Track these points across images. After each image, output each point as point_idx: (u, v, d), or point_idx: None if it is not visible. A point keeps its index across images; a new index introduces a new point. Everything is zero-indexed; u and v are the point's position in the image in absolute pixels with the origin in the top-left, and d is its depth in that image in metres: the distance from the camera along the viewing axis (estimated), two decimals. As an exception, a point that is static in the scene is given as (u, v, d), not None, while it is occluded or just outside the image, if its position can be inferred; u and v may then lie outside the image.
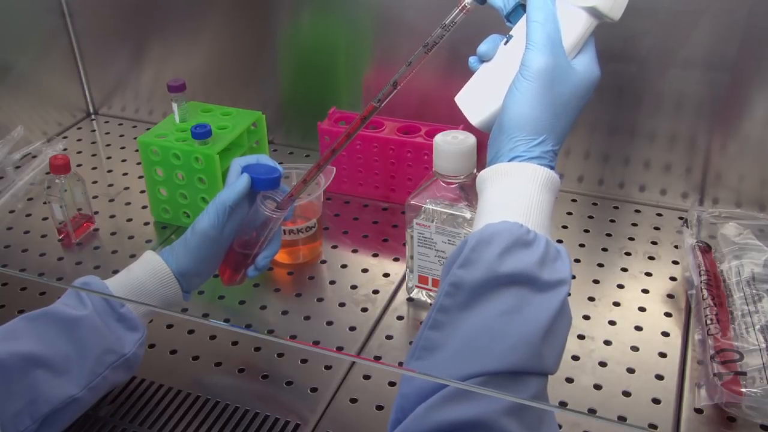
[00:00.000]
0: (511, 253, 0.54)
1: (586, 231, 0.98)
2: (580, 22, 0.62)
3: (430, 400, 0.51)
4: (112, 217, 1.04)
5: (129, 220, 1.03)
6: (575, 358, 0.79)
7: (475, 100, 0.66)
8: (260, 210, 0.74)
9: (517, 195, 0.58)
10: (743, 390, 0.68)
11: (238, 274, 0.77)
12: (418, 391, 0.52)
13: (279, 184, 0.76)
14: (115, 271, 0.75)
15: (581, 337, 0.81)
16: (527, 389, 0.52)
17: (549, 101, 0.60)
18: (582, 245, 0.95)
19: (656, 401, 0.74)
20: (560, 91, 0.60)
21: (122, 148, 1.21)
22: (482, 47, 0.66)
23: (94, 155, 1.20)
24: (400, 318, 0.85)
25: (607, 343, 0.81)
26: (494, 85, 0.64)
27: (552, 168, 0.60)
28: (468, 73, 0.68)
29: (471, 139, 0.77)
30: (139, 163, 1.11)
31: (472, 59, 0.68)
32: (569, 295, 0.55)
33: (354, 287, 0.90)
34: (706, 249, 0.86)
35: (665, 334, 0.82)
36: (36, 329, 0.67)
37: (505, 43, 0.65)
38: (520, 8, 0.66)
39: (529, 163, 0.59)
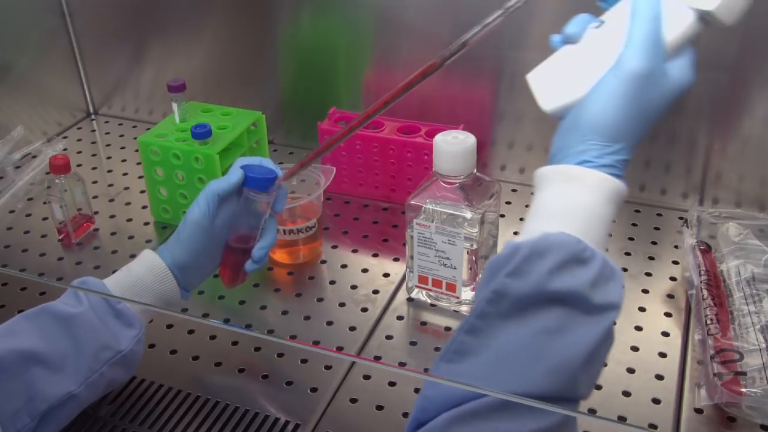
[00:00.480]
0: (565, 269, 0.51)
1: (586, 231, 0.98)
2: (688, 24, 0.56)
3: (453, 411, 0.49)
4: (112, 217, 1.04)
5: (129, 220, 1.03)
6: (575, 358, 0.79)
7: (552, 84, 0.60)
8: (247, 198, 0.73)
9: (580, 205, 0.54)
10: (743, 390, 0.68)
11: (238, 273, 0.77)
12: (443, 398, 0.50)
13: (271, 186, 0.74)
14: (115, 272, 0.75)
15: (581, 337, 0.81)
16: (555, 414, 0.49)
17: (636, 107, 0.55)
18: (582, 245, 0.95)
19: (656, 401, 0.74)
20: (650, 97, 0.55)
21: (122, 148, 1.21)
22: (570, 28, 0.60)
23: (94, 155, 1.20)
24: (400, 318, 0.85)
25: (607, 343, 0.81)
26: (576, 73, 0.58)
27: (621, 178, 0.56)
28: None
29: (471, 139, 0.77)
30: (139, 163, 1.10)
31: (555, 37, 0.61)
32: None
33: (354, 287, 0.90)
34: (706, 249, 0.86)
35: (665, 334, 0.82)
36: (33, 326, 0.66)
37: (596, 28, 0.59)
38: None
39: (598, 171, 0.55)
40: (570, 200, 0.55)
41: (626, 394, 0.74)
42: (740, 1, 0.55)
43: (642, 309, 0.85)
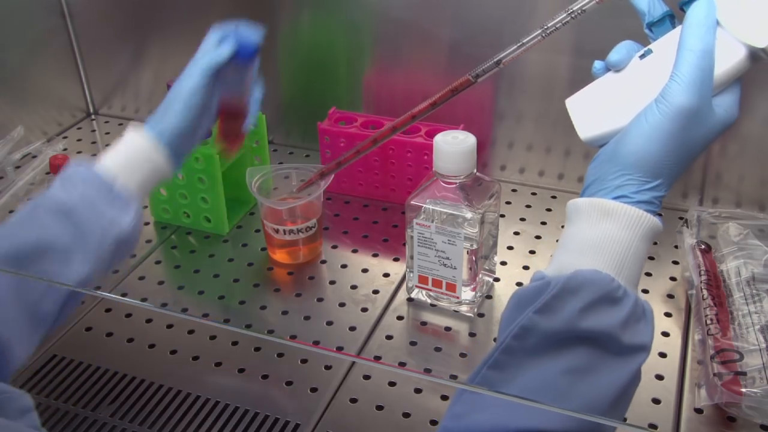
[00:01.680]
0: (596, 308, 0.50)
1: (586, 231, 0.98)
2: (738, 60, 0.53)
3: None
4: (112, 217, 1.04)
5: (129, 220, 1.03)
6: (575, 358, 0.79)
7: (591, 111, 0.58)
8: (236, 67, 0.74)
9: (614, 241, 0.53)
10: (743, 390, 0.68)
11: (236, 138, 0.77)
12: None
13: (255, 54, 0.74)
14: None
15: (581, 337, 0.81)
16: None
17: (679, 144, 0.53)
18: (582, 245, 0.95)
19: (656, 401, 0.74)
20: (694, 134, 0.53)
21: (122, 148, 1.21)
22: (614, 56, 0.57)
23: (94, 155, 1.20)
24: (400, 318, 0.85)
25: (607, 343, 0.81)
26: (618, 103, 0.57)
27: (659, 215, 0.54)
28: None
29: (471, 139, 0.77)
30: (139, 163, 1.10)
31: (597, 64, 0.59)
32: None
33: (354, 287, 0.90)
34: (706, 249, 0.86)
35: (665, 334, 0.82)
36: (35, 222, 0.65)
37: (642, 57, 0.57)
38: (668, 20, 0.57)
39: (635, 208, 0.53)
40: (604, 236, 0.53)
41: (626, 394, 0.74)
42: None
43: (642, 309, 0.85)
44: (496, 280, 0.90)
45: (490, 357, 0.51)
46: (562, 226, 0.98)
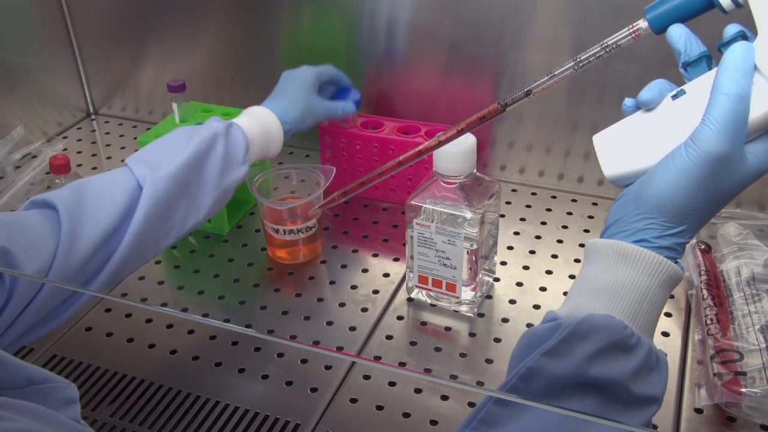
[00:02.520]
0: (607, 356, 0.48)
1: (586, 231, 0.98)
2: None
3: None
4: (112, 217, 1.04)
5: (129, 220, 1.03)
6: (575, 358, 0.79)
7: (618, 149, 0.57)
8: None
9: (631, 286, 0.51)
10: (743, 390, 0.68)
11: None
12: None
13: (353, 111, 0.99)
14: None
15: (581, 337, 0.81)
16: None
17: (707, 191, 0.50)
18: (582, 245, 0.95)
19: (656, 401, 0.74)
20: (724, 182, 0.50)
21: (122, 148, 1.21)
22: (645, 94, 0.55)
23: (94, 155, 1.20)
24: (400, 318, 0.85)
25: (607, 343, 0.81)
26: (646, 143, 0.55)
27: (678, 262, 0.52)
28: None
29: (471, 139, 0.77)
30: (139, 163, 1.10)
31: (627, 101, 0.57)
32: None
33: (354, 287, 0.90)
34: (706, 249, 0.86)
35: (665, 334, 0.82)
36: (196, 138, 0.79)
37: (674, 98, 0.54)
38: (705, 61, 0.54)
39: (656, 254, 0.51)
40: (621, 280, 0.51)
41: (626, 394, 0.74)
42: None
43: (642, 309, 0.85)
44: (496, 280, 0.90)
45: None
46: (563, 226, 0.99)
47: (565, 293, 0.87)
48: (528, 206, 1.04)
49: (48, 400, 0.50)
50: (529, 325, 0.83)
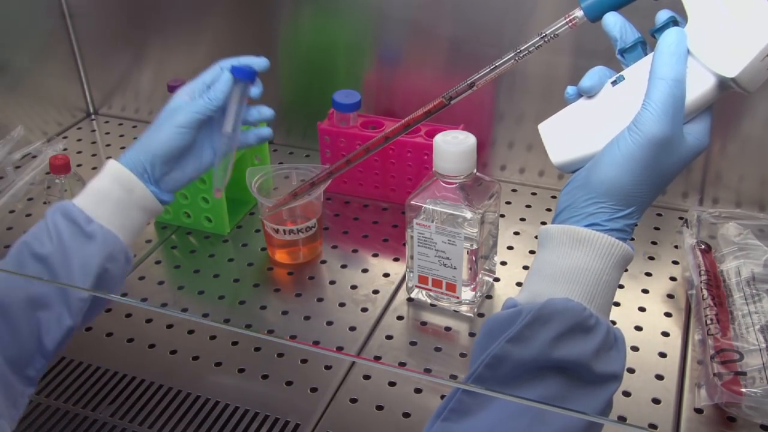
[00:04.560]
0: (568, 338, 0.50)
1: (586, 231, 0.98)
2: (708, 89, 0.53)
3: None
4: (112, 217, 1.04)
5: (129, 220, 1.03)
6: (575, 358, 0.79)
7: (563, 137, 0.58)
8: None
9: (586, 269, 0.52)
10: (743, 390, 0.68)
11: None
12: None
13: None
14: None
15: (581, 337, 0.81)
16: None
17: (651, 172, 0.53)
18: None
19: (656, 401, 0.74)
20: (666, 162, 0.53)
21: (122, 148, 1.21)
22: (586, 82, 0.57)
23: (94, 155, 1.20)
24: (400, 318, 0.85)
25: (607, 343, 0.81)
26: (590, 129, 0.56)
27: (629, 243, 0.54)
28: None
29: (471, 139, 0.77)
30: (139, 163, 1.11)
31: (570, 89, 0.59)
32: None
33: (354, 287, 0.90)
34: (706, 249, 0.86)
35: (665, 334, 0.82)
36: (21, 268, 0.66)
37: (614, 84, 0.57)
38: (640, 46, 0.57)
39: (607, 236, 0.53)
40: (576, 264, 0.53)
41: (626, 394, 0.74)
42: (764, 70, 0.52)
43: (642, 309, 0.85)
44: (496, 280, 0.90)
45: (463, 382, 0.52)
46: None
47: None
48: (528, 206, 1.04)
49: None
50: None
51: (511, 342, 0.50)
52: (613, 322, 0.84)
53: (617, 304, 0.85)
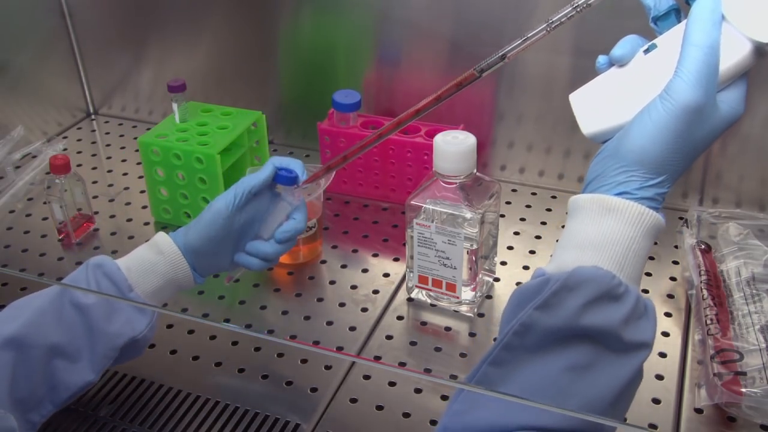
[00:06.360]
0: (597, 305, 0.49)
1: (586, 231, 0.98)
2: (743, 56, 0.52)
3: None
4: (112, 217, 1.04)
5: (129, 220, 1.03)
6: (575, 358, 0.79)
7: (594, 107, 0.57)
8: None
9: (616, 238, 0.52)
10: (743, 390, 0.68)
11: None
12: (464, 429, 0.49)
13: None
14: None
15: (581, 337, 0.81)
16: None
17: (683, 141, 0.52)
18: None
19: (656, 401, 0.74)
20: (699, 131, 0.52)
21: (122, 148, 1.21)
22: (617, 50, 0.56)
23: (94, 155, 1.20)
24: (400, 318, 0.85)
25: (607, 343, 0.81)
26: (622, 98, 0.56)
27: (660, 212, 0.54)
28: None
29: (471, 139, 0.77)
30: (139, 163, 1.11)
31: (601, 59, 0.58)
32: None
33: (354, 287, 0.90)
34: (706, 249, 0.86)
35: (665, 334, 0.82)
36: (54, 317, 0.67)
37: (646, 52, 0.55)
38: (674, 14, 0.56)
39: (638, 204, 0.52)
40: (606, 232, 0.52)
41: (626, 394, 0.74)
42: None
43: (642, 309, 0.85)
44: (496, 280, 0.90)
45: (490, 354, 0.51)
46: (563, 226, 0.98)
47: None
48: (528, 206, 1.04)
49: None
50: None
51: (539, 309, 0.50)
52: (645, 291, 0.85)
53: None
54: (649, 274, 0.90)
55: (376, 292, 0.89)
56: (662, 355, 0.79)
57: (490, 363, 0.51)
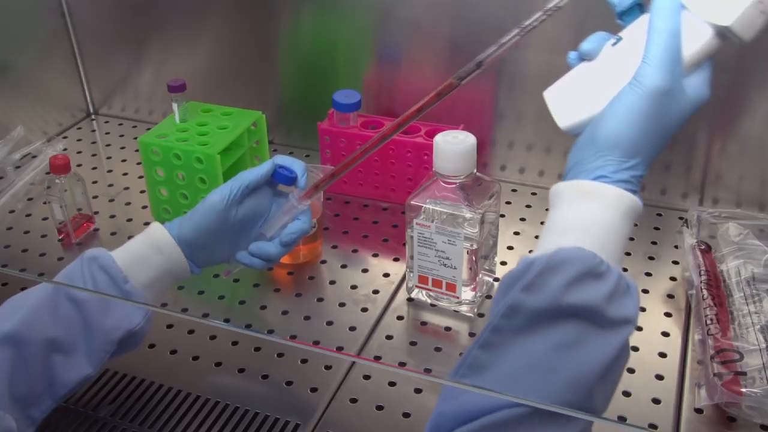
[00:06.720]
0: (580, 284, 0.51)
1: (586, 231, 0.98)
2: (705, 40, 0.55)
3: (468, 426, 0.49)
4: (112, 217, 1.04)
5: (129, 220, 1.03)
6: (575, 358, 0.79)
7: (568, 101, 0.60)
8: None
9: (595, 220, 0.54)
10: (743, 390, 0.68)
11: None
12: (457, 412, 0.50)
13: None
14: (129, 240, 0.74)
15: (581, 337, 0.81)
16: (572, 427, 0.49)
17: (653, 123, 0.54)
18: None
19: (656, 401, 0.74)
20: (668, 113, 0.55)
21: (122, 148, 1.21)
22: (586, 45, 0.60)
23: (94, 155, 1.20)
24: (400, 318, 0.85)
25: (607, 343, 0.81)
26: (593, 90, 0.58)
27: (637, 194, 0.56)
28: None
29: (471, 139, 0.77)
30: (139, 163, 1.11)
31: (571, 54, 0.62)
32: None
33: (354, 287, 0.90)
34: (706, 249, 0.86)
35: (665, 334, 0.82)
36: (51, 312, 0.67)
37: (613, 45, 0.59)
38: (637, 8, 0.59)
39: (614, 187, 0.55)
40: (586, 215, 0.54)
41: (626, 394, 0.74)
42: (759, 17, 0.54)
43: (642, 309, 0.85)
44: (496, 280, 0.90)
45: (480, 338, 0.52)
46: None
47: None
48: (528, 206, 1.04)
49: None
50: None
51: (525, 290, 0.51)
52: (645, 291, 0.85)
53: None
54: (649, 274, 0.90)
55: (376, 292, 0.89)
56: (662, 355, 0.79)
57: (480, 347, 0.52)
